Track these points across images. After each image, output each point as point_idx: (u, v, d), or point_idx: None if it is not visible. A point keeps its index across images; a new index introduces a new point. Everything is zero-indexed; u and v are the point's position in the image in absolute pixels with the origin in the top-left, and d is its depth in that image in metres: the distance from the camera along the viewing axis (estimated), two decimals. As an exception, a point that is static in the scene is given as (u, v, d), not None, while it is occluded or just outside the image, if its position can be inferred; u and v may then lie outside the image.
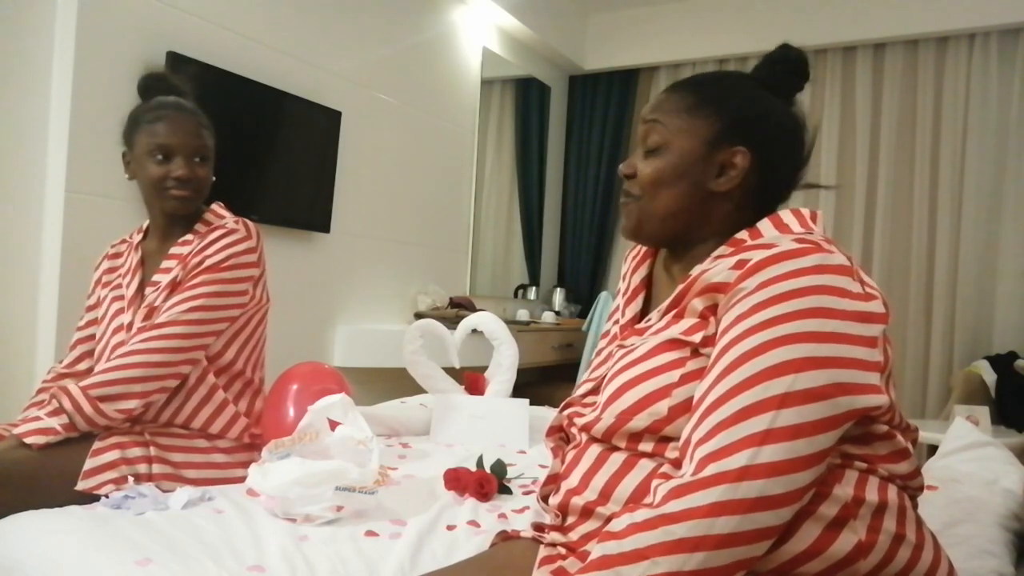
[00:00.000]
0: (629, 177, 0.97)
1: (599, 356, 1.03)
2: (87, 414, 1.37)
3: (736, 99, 0.95)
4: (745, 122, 0.93)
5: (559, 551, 0.90)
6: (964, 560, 1.04)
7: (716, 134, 0.92)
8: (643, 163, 0.95)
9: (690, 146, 0.92)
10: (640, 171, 0.95)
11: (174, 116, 1.53)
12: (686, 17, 4.56)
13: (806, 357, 0.73)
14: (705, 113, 0.93)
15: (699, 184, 0.93)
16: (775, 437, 0.71)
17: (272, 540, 1.13)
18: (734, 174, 0.92)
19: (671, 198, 0.93)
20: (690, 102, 0.94)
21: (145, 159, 1.52)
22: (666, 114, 0.94)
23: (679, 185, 0.93)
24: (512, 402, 2.09)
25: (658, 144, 0.94)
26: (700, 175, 0.92)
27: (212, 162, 1.59)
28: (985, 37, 3.84)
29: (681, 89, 0.97)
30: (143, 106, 1.58)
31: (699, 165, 0.92)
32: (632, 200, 0.97)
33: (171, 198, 1.52)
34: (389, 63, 3.49)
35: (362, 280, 3.43)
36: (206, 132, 1.57)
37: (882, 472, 0.80)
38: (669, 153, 0.93)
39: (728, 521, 0.69)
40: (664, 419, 0.83)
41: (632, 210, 0.97)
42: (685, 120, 0.93)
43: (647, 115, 0.96)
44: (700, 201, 0.93)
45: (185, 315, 1.47)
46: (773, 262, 0.78)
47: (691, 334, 0.84)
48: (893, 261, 4.04)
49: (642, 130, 0.97)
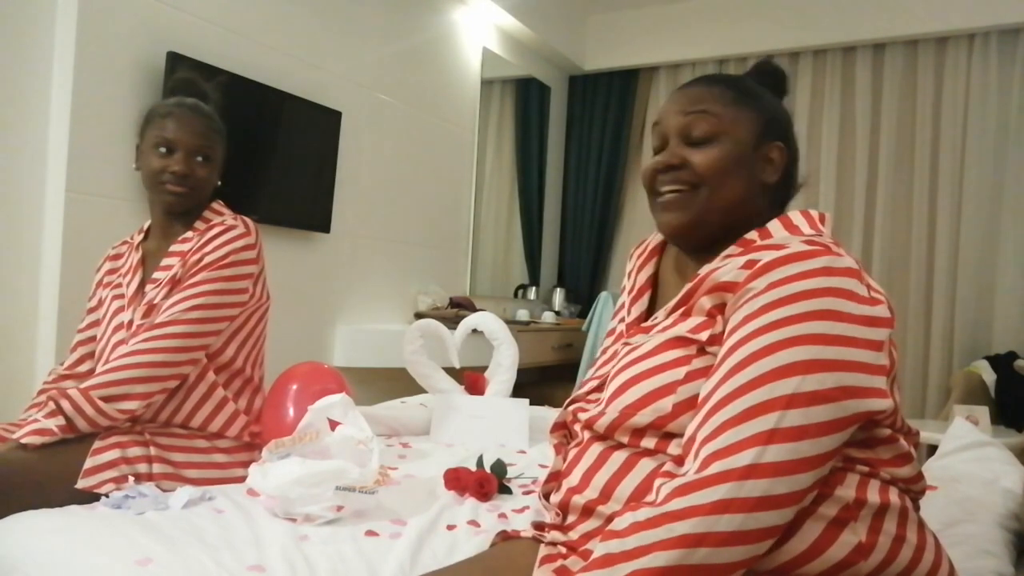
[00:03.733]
0: (676, 168, 0.93)
1: (604, 354, 1.03)
2: (88, 415, 1.37)
3: (766, 96, 0.97)
4: (778, 120, 0.96)
5: (560, 550, 0.90)
6: (964, 560, 1.04)
7: (761, 128, 0.93)
8: (695, 152, 0.92)
9: (744, 136, 0.92)
10: (695, 160, 0.92)
11: (185, 114, 1.55)
12: (686, 17, 4.56)
13: (813, 359, 0.73)
14: (749, 107, 0.94)
15: (754, 176, 0.93)
16: (781, 437, 0.71)
17: (272, 540, 1.13)
18: (774, 168, 0.94)
19: (737, 188, 0.92)
20: (732, 95, 0.93)
21: (150, 151, 1.55)
22: (713, 104, 0.93)
23: (741, 174, 0.92)
24: (512, 402, 2.09)
25: (710, 134, 0.92)
26: (753, 167, 0.93)
27: (216, 165, 1.60)
28: (985, 37, 3.84)
29: (713, 84, 0.95)
30: (162, 102, 1.61)
31: (751, 156, 0.93)
32: (685, 192, 0.92)
33: (167, 192, 1.54)
34: (389, 63, 3.49)
35: (362, 280, 3.43)
36: (215, 135, 1.59)
37: (884, 475, 0.80)
38: (725, 142, 0.92)
39: (732, 519, 0.69)
40: (668, 416, 0.83)
41: (688, 203, 0.92)
42: (733, 112, 0.93)
43: (690, 107, 0.93)
44: (756, 194, 0.93)
45: (186, 314, 1.47)
46: (783, 263, 0.78)
47: (698, 332, 0.85)
48: (893, 261, 4.04)
49: (681, 122, 0.93)
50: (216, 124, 1.60)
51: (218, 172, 1.62)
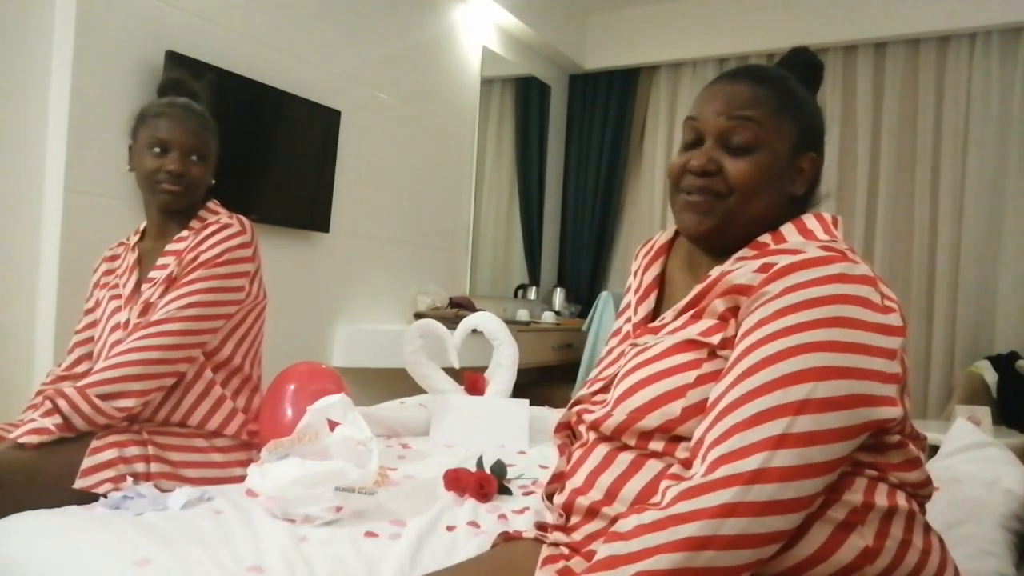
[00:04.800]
0: (710, 173, 0.90)
1: (610, 355, 1.02)
2: (86, 413, 1.37)
3: (808, 104, 0.94)
4: (815, 128, 0.94)
5: (562, 551, 0.89)
6: (965, 561, 1.03)
7: (797, 139, 0.91)
8: (731, 161, 0.89)
9: (783, 148, 0.90)
10: (731, 169, 0.89)
11: (178, 114, 1.56)
12: (686, 17, 4.56)
13: (827, 366, 0.73)
14: (789, 116, 0.91)
15: (783, 189, 0.91)
16: (790, 442, 0.70)
17: (271, 540, 1.12)
18: (804, 179, 0.92)
19: (765, 202, 0.90)
20: (776, 103, 0.90)
21: (144, 152, 1.55)
22: (759, 111, 0.89)
23: (774, 188, 0.90)
24: (512, 402, 2.08)
25: (751, 144, 0.89)
26: (784, 180, 0.91)
27: (210, 164, 1.60)
28: (986, 36, 3.83)
29: (760, 84, 0.91)
30: (153, 102, 1.61)
31: (785, 169, 0.91)
32: (714, 199, 0.90)
33: (162, 192, 1.54)
34: (389, 62, 3.48)
35: (362, 280, 3.43)
36: (208, 134, 1.59)
37: (892, 480, 0.80)
38: (763, 153, 0.89)
39: (737, 523, 0.68)
40: (677, 420, 0.83)
41: (713, 209, 0.90)
42: (775, 121, 0.90)
43: (734, 111, 0.89)
44: (783, 206, 0.91)
45: (182, 312, 1.47)
46: (798, 268, 0.78)
47: (710, 335, 0.84)
48: (894, 261, 4.04)
49: (723, 126, 0.90)
50: (208, 123, 1.61)
51: (212, 171, 1.62)
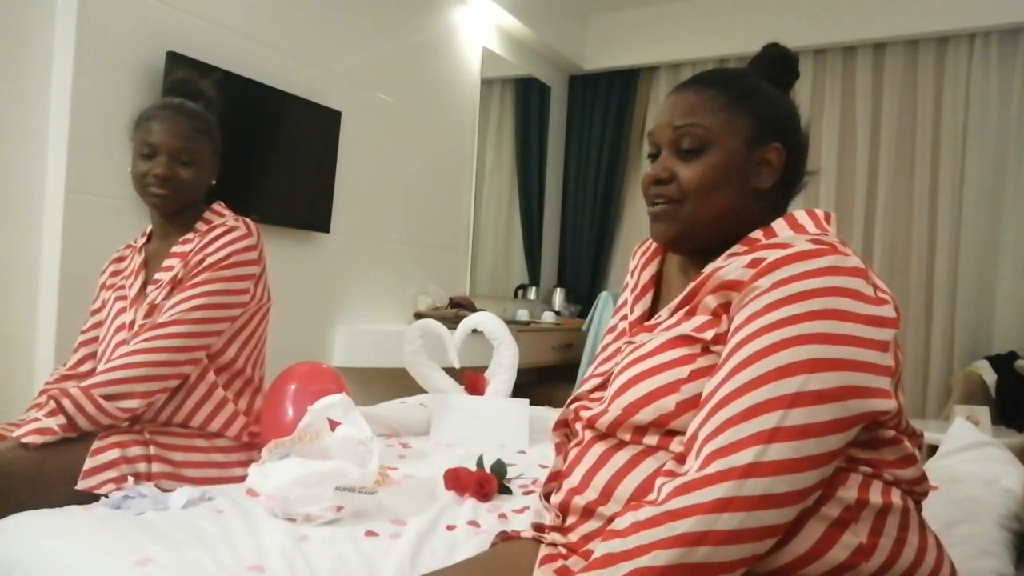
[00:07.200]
0: (664, 182, 0.92)
1: (606, 351, 1.03)
2: (90, 413, 1.37)
3: (764, 95, 0.94)
4: (776, 118, 0.94)
5: (560, 551, 0.90)
6: (964, 560, 1.03)
7: (754, 132, 0.91)
8: (683, 166, 0.91)
9: (734, 145, 0.90)
10: (682, 175, 0.91)
11: (167, 116, 1.54)
12: (686, 17, 4.56)
13: (819, 358, 0.73)
14: (741, 111, 0.91)
15: (745, 183, 0.91)
16: (783, 436, 0.71)
17: (272, 540, 1.13)
18: (771, 171, 0.92)
19: (723, 200, 0.90)
20: (723, 101, 0.91)
21: (135, 155, 1.55)
22: (703, 115, 0.91)
23: (730, 186, 0.90)
24: (512, 402, 2.08)
25: (698, 145, 0.90)
26: (745, 174, 0.91)
27: (202, 166, 1.57)
28: (985, 37, 3.84)
29: (706, 88, 0.93)
30: (150, 105, 1.61)
31: (743, 164, 0.91)
32: (672, 206, 0.92)
33: (150, 195, 1.55)
34: (389, 63, 3.49)
35: (362, 280, 3.43)
36: (199, 136, 1.56)
37: (887, 477, 0.80)
38: (714, 153, 0.90)
39: (732, 518, 0.69)
40: (671, 414, 0.83)
41: (674, 216, 0.92)
42: (723, 119, 0.90)
43: (678, 121, 0.91)
44: (748, 201, 0.91)
45: (188, 314, 1.47)
46: (788, 262, 0.78)
47: (703, 331, 0.84)
48: (893, 260, 4.04)
49: (671, 135, 0.92)
50: (202, 124, 1.58)
51: (208, 172, 1.60)
